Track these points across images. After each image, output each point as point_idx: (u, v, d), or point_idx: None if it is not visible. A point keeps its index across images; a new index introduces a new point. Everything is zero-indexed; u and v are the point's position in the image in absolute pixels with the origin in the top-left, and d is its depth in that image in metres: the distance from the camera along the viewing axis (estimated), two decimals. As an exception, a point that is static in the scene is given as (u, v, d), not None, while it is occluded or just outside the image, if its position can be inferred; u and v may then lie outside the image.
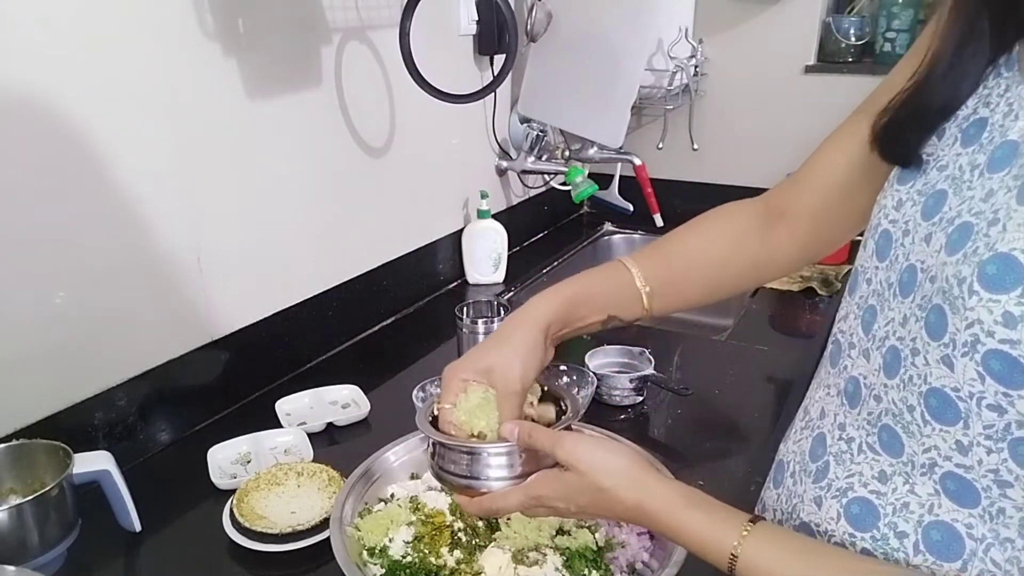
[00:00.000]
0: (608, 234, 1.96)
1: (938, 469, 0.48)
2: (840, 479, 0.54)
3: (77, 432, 0.92)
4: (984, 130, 0.48)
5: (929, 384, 0.47)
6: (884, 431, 0.51)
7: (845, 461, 0.54)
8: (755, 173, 1.88)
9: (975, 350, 0.43)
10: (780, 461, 0.64)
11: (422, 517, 0.75)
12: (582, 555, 0.70)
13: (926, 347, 0.47)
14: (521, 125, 1.68)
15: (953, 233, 0.47)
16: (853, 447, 0.54)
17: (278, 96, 1.14)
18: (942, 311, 0.45)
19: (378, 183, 1.38)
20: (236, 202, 1.11)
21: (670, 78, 1.73)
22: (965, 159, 0.49)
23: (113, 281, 0.96)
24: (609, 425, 0.88)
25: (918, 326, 0.48)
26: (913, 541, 0.49)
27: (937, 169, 0.50)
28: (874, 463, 0.52)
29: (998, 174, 0.46)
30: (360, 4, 1.26)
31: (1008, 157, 0.46)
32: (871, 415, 0.52)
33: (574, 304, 0.68)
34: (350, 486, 0.77)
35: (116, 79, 0.92)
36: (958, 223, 0.47)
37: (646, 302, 0.70)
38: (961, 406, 0.45)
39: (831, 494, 0.55)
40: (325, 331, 1.31)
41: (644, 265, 0.71)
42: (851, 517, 0.53)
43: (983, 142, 0.48)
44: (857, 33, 1.76)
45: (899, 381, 0.50)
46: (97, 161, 0.92)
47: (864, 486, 0.52)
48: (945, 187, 0.49)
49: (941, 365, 0.46)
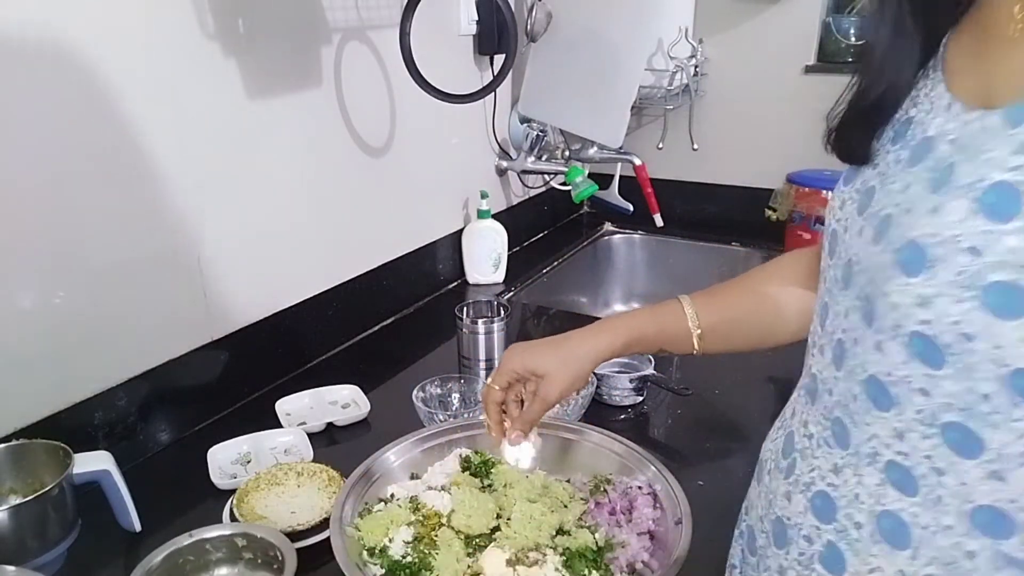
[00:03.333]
0: (608, 234, 1.96)
1: (880, 458, 0.49)
2: (805, 474, 0.56)
3: (77, 432, 0.92)
4: (910, 128, 0.50)
5: (867, 372, 0.49)
6: (836, 424, 0.53)
7: (808, 456, 0.56)
8: (755, 173, 1.88)
9: (898, 333, 0.45)
10: (761, 459, 0.67)
11: (420, 518, 0.75)
12: (582, 555, 0.70)
13: (863, 336, 0.49)
14: (521, 125, 1.68)
15: (879, 225, 0.49)
16: (813, 443, 0.56)
17: (278, 96, 1.14)
18: (872, 299, 0.48)
19: (378, 183, 1.38)
20: (236, 202, 1.11)
21: (670, 78, 1.73)
22: (892, 156, 0.51)
23: (113, 281, 0.96)
24: (609, 425, 0.88)
25: (857, 316, 0.50)
26: (869, 531, 0.50)
27: (872, 167, 0.53)
28: (829, 456, 0.54)
29: (915, 168, 0.48)
30: (360, 4, 1.26)
31: (925, 152, 0.48)
32: (826, 409, 0.54)
33: (632, 344, 0.77)
34: (350, 486, 0.77)
35: (115, 79, 0.92)
36: (882, 215, 0.49)
37: (696, 344, 0.76)
38: (893, 391, 0.47)
39: (799, 488, 0.56)
40: (325, 331, 1.31)
41: (701, 307, 0.77)
42: (816, 510, 0.54)
43: (907, 139, 0.50)
44: (857, 33, 1.76)
45: (845, 372, 0.51)
46: (97, 161, 0.92)
47: (823, 479, 0.54)
48: (875, 183, 0.51)
49: (875, 351, 0.48)
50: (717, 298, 0.78)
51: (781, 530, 0.58)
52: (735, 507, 0.88)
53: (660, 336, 0.77)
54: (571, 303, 1.83)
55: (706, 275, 1.87)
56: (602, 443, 0.85)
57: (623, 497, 0.78)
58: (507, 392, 0.79)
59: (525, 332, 1.45)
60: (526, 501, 0.76)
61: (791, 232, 1.73)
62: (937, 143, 0.47)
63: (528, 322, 1.53)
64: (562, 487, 0.80)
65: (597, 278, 1.95)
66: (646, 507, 0.76)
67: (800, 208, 1.68)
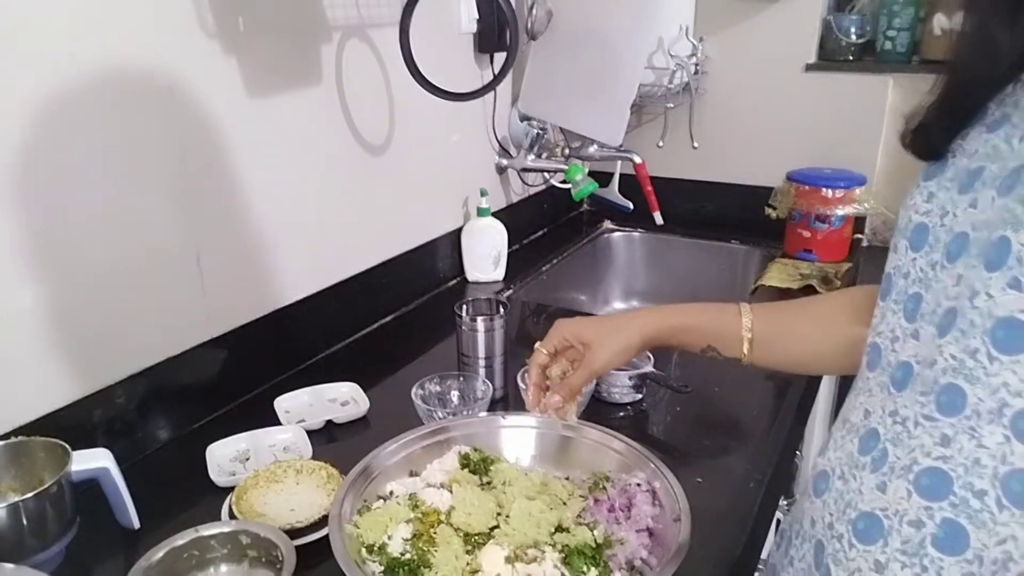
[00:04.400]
0: (608, 232, 1.96)
1: (1008, 410, 0.47)
2: (902, 458, 0.53)
3: (76, 429, 0.92)
4: (1010, 120, 0.52)
5: (995, 317, 0.47)
6: (943, 392, 0.51)
7: (903, 440, 0.54)
8: (756, 172, 1.88)
9: None
10: (821, 471, 0.63)
11: (419, 515, 0.75)
12: (581, 552, 0.70)
13: (986, 283, 0.48)
14: (521, 123, 1.68)
15: (1003, 183, 0.50)
16: (908, 424, 0.54)
17: (278, 94, 1.14)
18: (1005, 240, 0.47)
19: (378, 181, 1.38)
20: (236, 200, 1.11)
21: (670, 76, 1.73)
22: (998, 139, 0.52)
23: (112, 278, 0.96)
24: (608, 422, 0.88)
25: (974, 272, 0.49)
26: (994, 497, 0.48)
27: (967, 157, 0.54)
28: (933, 430, 0.51)
29: None
30: (360, 2, 1.26)
31: None
32: (926, 384, 0.52)
33: (679, 330, 0.81)
34: (349, 483, 0.77)
35: (113, 76, 0.92)
36: (1005, 175, 0.50)
37: (746, 348, 0.79)
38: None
39: (895, 475, 0.54)
40: (324, 329, 1.31)
41: (758, 317, 0.79)
42: (922, 490, 0.52)
43: (1015, 122, 0.51)
44: (858, 31, 1.75)
45: (956, 333, 0.50)
46: (94, 159, 0.92)
47: (927, 455, 0.51)
48: (983, 163, 0.52)
49: (1008, 291, 0.46)
50: (774, 312, 0.81)
51: (872, 523, 0.55)
52: (734, 504, 0.89)
53: (709, 331, 0.80)
54: (571, 301, 1.83)
55: (706, 273, 1.87)
56: (601, 440, 0.85)
57: (622, 494, 0.78)
58: (553, 359, 0.83)
59: (525, 330, 1.45)
60: (525, 498, 0.76)
61: (791, 230, 1.73)
62: None
63: (528, 320, 1.53)
64: (561, 484, 0.80)
65: (597, 276, 1.95)
66: (645, 504, 0.76)
67: (800, 206, 1.68)
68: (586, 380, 0.81)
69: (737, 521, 0.87)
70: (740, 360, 0.80)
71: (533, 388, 0.84)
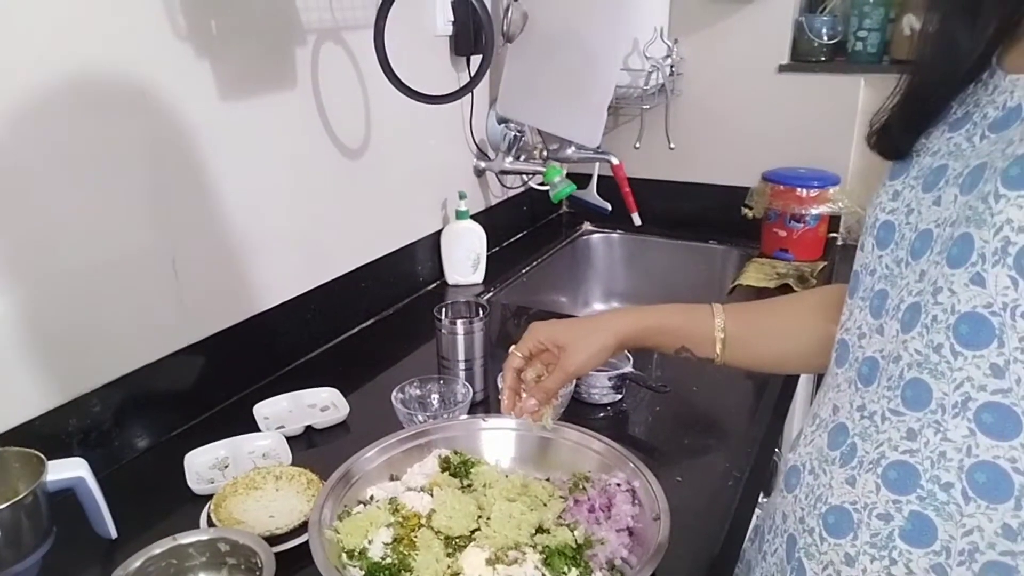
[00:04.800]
0: (587, 233, 1.97)
1: (972, 404, 0.48)
2: (870, 452, 0.54)
3: (51, 439, 0.91)
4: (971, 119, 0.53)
5: (958, 312, 0.48)
6: (908, 387, 0.52)
7: (871, 435, 0.55)
8: (731, 172, 1.89)
9: (1005, 254, 0.45)
10: (793, 467, 0.64)
11: (400, 519, 0.75)
12: (561, 553, 0.71)
13: (949, 279, 0.49)
14: (499, 126, 1.69)
15: (965, 181, 0.50)
16: (876, 419, 0.54)
17: (253, 98, 1.14)
18: (967, 237, 0.47)
19: (356, 184, 1.38)
20: (212, 205, 1.10)
21: (646, 78, 1.74)
22: (960, 138, 0.54)
23: (86, 285, 0.95)
24: (588, 423, 0.89)
25: (937, 269, 0.50)
26: (960, 489, 0.49)
27: (930, 155, 0.56)
28: (900, 424, 0.52)
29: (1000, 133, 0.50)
30: (335, 5, 1.25)
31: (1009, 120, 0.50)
32: (891, 379, 0.53)
33: (653, 331, 0.81)
34: (328, 489, 0.77)
35: (84, 81, 0.91)
36: (967, 173, 0.51)
37: (719, 349, 0.79)
38: (994, 321, 0.46)
39: (864, 469, 0.55)
40: (303, 334, 1.30)
41: (730, 317, 0.80)
42: (890, 483, 0.52)
43: (976, 120, 0.53)
44: (829, 32, 1.78)
45: (920, 328, 0.51)
46: (65, 165, 0.90)
47: (895, 449, 0.52)
48: (946, 161, 0.54)
49: (971, 286, 0.47)
50: (746, 312, 0.82)
51: (841, 517, 0.56)
52: (713, 502, 0.90)
53: (682, 332, 0.80)
54: (551, 303, 1.84)
55: (684, 273, 1.89)
56: (581, 441, 0.85)
57: (602, 494, 0.79)
58: (528, 362, 0.83)
59: (505, 332, 1.45)
60: (505, 500, 0.76)
61: (767, 230, 1.75)
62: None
63: (508, 322, 1.53)
64: (541, 486, 0.81)
65: (576, 277, 1.95)
66: (625, 504, 0.77)
67: (775, 206, 1.70)
68: (561, 383, 0.81)
69: (716, 519, 0.88)
70: (713, 360, 0.81)
71: (508, 392, 0.83)
